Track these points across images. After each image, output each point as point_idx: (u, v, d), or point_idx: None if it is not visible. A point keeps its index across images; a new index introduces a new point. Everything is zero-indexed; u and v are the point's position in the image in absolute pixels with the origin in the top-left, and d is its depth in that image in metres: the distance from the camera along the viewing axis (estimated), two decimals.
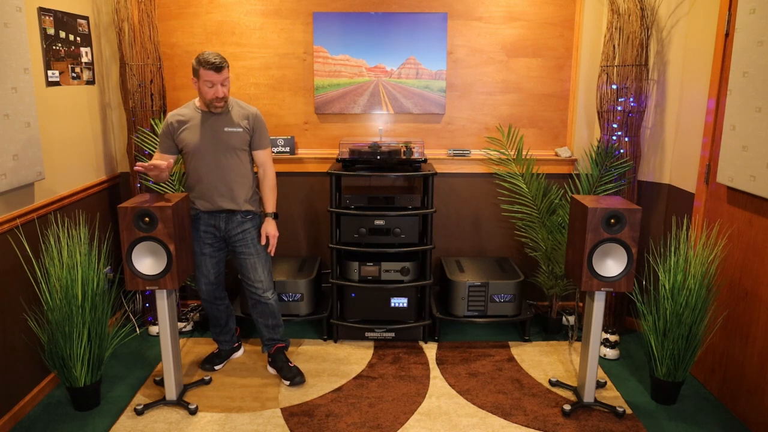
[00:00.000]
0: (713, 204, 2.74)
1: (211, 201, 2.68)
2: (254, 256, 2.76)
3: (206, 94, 2.53)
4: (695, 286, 2.52)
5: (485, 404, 2.65)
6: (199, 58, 2.49)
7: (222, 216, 2.71)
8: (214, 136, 2.62)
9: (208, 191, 2.67)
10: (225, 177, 2.66)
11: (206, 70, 2.48)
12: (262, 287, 2.79)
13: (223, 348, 3.02)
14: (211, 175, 2.65)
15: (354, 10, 3.40)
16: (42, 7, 2.70)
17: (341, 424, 2.48)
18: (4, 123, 2.33)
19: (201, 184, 2.67)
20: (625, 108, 3.11)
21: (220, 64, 2.49)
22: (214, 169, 2.65)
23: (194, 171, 2.67)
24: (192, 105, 2.67)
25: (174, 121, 2.63)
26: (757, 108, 2.30)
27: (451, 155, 3.50)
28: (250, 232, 2.75)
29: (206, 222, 2.73)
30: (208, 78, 2.50)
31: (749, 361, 2.47)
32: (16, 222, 2.48)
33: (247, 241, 2.75)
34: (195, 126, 2.63)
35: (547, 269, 3.38)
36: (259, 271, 2.78)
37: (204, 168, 2.65)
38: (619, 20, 3.05)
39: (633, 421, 2.52)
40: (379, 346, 3.21)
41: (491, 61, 3.48)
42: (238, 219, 2.72)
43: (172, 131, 2.64)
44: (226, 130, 2.63)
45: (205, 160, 2.64)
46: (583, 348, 2.63)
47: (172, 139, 2.64)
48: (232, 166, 2.67)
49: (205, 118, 2.63)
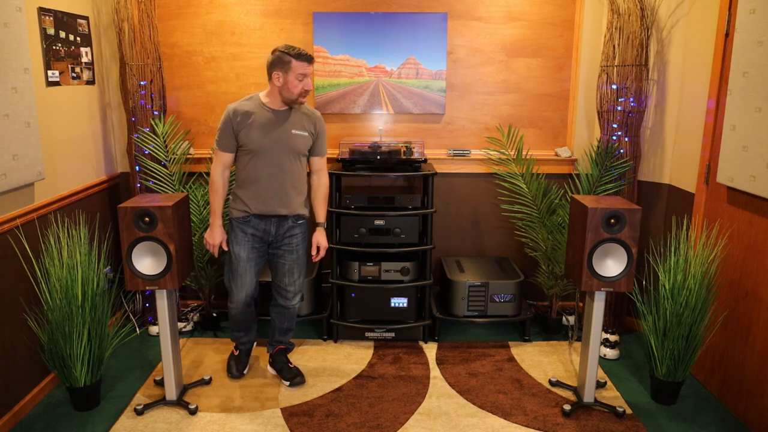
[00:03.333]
0: (713, 204, 2.74)
1: (268, 204, 2.55)
2: (295, 261, 2.68)
3: (295, 88, 2.42)
4: (695, 286, 2.52)
5: (485, 404, 2.65)
6: (286, 50, 2.39)
7: (274, 220, 2.59)
8: (281, 138, 2.50)
9: (266, 194, 2.53)
10: (286, 181, 2.54)
11: (300, 61, 2.39)
12: (294, 291, 2.73)
13: (245, 348, 2.93)
14: (272, 178, 2.52)
15: (354, 10, 3.40)
16: (42, 7, 2.70)
17: (341, 424, 2.48)
18: (4, 123, 2.34)
19: (258, 185, 2.53)
20: (625, 108, 3.11)
21: (311, 55, 2.43)
22: (277, 172, 2.52)
23: (252, 171, 2.52)
24: (257, 100, 2.52)
25: (240, 112, 2.48)
26: (757, 108, 2.30)
27: (451, 155, 3.50)
28: (297, 237, 2.66)
29: (256, 225, 2.59)
30: (302, 70, 2.40)
31: (749, 361, 2.47)
32: (16, 222, 2.48)
33: (293, 246, 2.66)
34: (261, 123, 2.48)
35: (547, 269, 3.38)
36: (295, 275, 2.70)
37: (265, 169, 2.51)
38: (619, 20, 3.05)
39: (633, 421, 2.52)
40: (379, 346, 3.21)
41: (491, 61, 3.48)
42: (289, 224, 2.62)
43: (235, 125, 2.48)
44: (294, 133, 2.52)
45: (267, 161, 2.50)
46: (583, 348, 2.63)
47: (234, 134, 2.50)
48: (294, 171, 2.55)
49: (273, 116, 2.50)
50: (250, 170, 2.52)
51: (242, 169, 2.55)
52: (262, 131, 2.48)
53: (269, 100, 2.51)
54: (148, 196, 2.54)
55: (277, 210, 2.56)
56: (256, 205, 2.55)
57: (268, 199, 2.54)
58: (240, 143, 2.51)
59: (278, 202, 2.55)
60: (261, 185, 2.53)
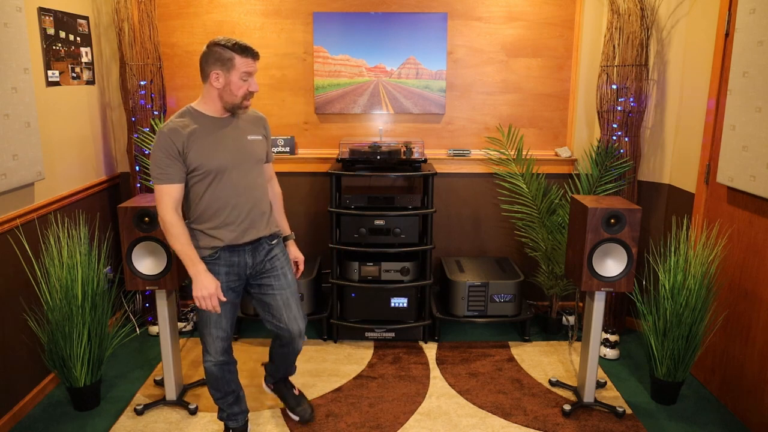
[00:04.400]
0: (713, 204, 2.74)
1: (243, 231, 2.09)
2: (287, 289, 2.21)
3: (238, 90, 1.99)
4: (695, 286, 2.52)
5: (485, 404, 2.65)
6: (226, 43, 1.95)
7: (247, 249, 2.12)
8: (240, 148, 2.07)
9: (239, 219, 2.07)
10: (257, 197, 2.12)
11: (245, 57, 1.96)
12: (299, 328, 2.23)
13: (238, 425, 2.33)
14: (242, 198, 2.07)
15: (354, 10, 3.40)
16: (42, 7, 2.70)
17: (341, 424, 2.48)
18: (4, 123, 2.34)
19: (227, 211, 2.06)
20: (625, 108, 3.11)
21: (256, 50, 2.01)
22: (245, 190, 2.08)
23: (216, 196, 2.04)
24: (192, 112, 2.04)
25: (181, 130, 1.97)
26: (757, 108, 2.30)
27: (451, 155, 3.50)
28: (278, 258, 2.21)
29: (228, 260, 2.10)
30: (247, 68, 1.97)
31: (749, 361, 2.47)
32: (16, 222, 2.48)
33: (277, 270, 2.19)
34: (212, 136, 2.02)
35: (547, 269, 3.38)
36: (293, 307, 2.22)
37: (232, 190, 2.05)
38: (619, 20, 3.05)
39: (633, 421, 2.52)
40: (379, 346, 3.21)
41: (491, 61, 3.48)
42: (265, 247, 2.17)
43: (180, 146, 1.96)
44: (251, 139, 2.11)
45: (232, 179, 2.05)
46: (583, 348, 2.63)
47: (182, 158, 1.97)
48: (260, 183, 2.15)
49: (222, 125, 2.06)
50: (211, 197, 2.04)
51: (199, 200, 2.05)
52: (217, 145, 2.02)
53: (208, 108, 2.05)
54: (148, 196, 2.54)
55: (256, 234, 2.12)
56: (228, 235, 2.06)
57: (241, 226, 2.08)
58: (192, 168, 1.99)
59: (257, 225, 2.12)
60: (230, 211, 2.06)
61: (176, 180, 1.98)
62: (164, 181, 1.96)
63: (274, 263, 2.19)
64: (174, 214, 1.97)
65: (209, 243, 2.07)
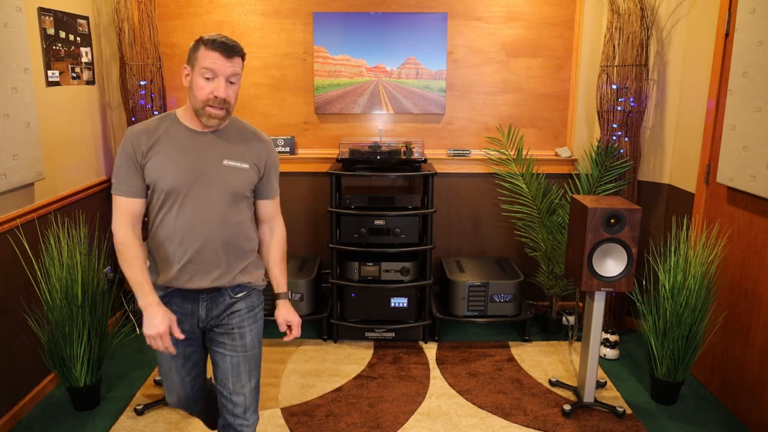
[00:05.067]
0: (713, 204, 2.74)
1: (193, 274, 1.69)
2: (240, 354, 1.76)
3: (200, 91, 1.60)
4: (695, 286, 2.52)
5: (485, 404, 2.65)
6: (202, 37, 1.62)
7: (204, 298, 1.73)
8: (206, 170, 1.66)
9: (182, 258, 1.67)
10: (219, 237, 1.69)
11: (210, 50, 1.58)
12: (243, 405, 1.77)
13: None
14: (196, 232, 1.66)
15: (354, 10, 3.40)
16: (42, 7, 2.70)
17: (341, 424, 2.48)
18: (4, 123, 2.33)
19: (176, 244, 1.67)
20: (625, 108, 3.11)
21: (232, 45, 1.61)
22: (201, 223, 1.67)
23: (168, 223, 1.66)
24: (172, 116, 1.70)
25: (146, 134, 1.65)
26: (757, 108, 2.30)
27: (451, 155, 3.50)
28: (239, 315, 1.77)
29: (180, 305, 1.74)
30: (209, 63, 1.58)
31: (749, 361, 2.47)
32: (16, 222, 2.48)
33: (234, 328, 1.76)
34: (176, 150, 1.65)
35: (547, 269, 3.38)
36: (243, 378, 1.76)
37: (183, 220, 1.66)
38: (619, 20, 3.05)
39: (633, 421, 2.52)
40: (379, 346, 3.21)
41: (491, 61, 3.48)
42: (226, 299, 1.76)
43: (140, 154, 1.63)
44: (227, 165, 1.69)
45: (189, 206, 1.66)
46: (583, 348, 2.63)
47: (140, 167, 1.64)
48: (231, 221, 1.71)
49: (194, 138, 1.68)
50: (164, 223, 1.67)
51: (155, 223, 1.70)
52: (177, 161, 1.65)
53: (187, 116, 1.70)
54: None
55: (209, 283, 1.70)
56: (177, 275, 1.69)
57: (193, 267, 1.68)
58: (147, 182, 1.66)
59: (210, 271, 1.70)
60: (176, 246, 1.67)
61: (134, 193, 1.65)
62: (122, 193, 1.65)
63: (233, 319, 1.76)
64: (128, 233, 1.64)
65: (156, 277, 1.72)
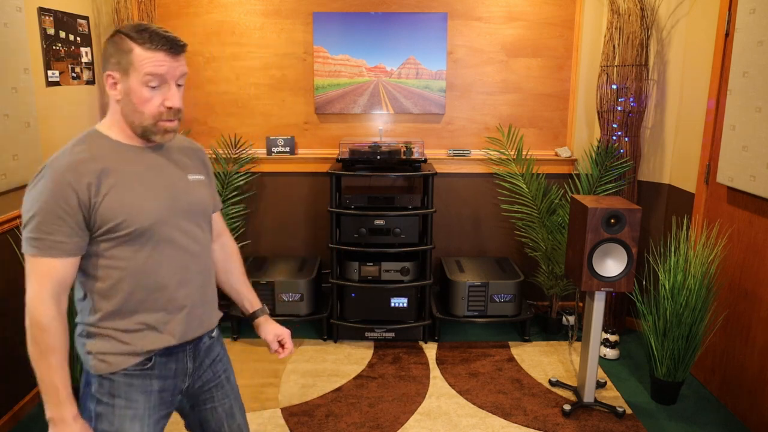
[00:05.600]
0: (713, 204, 2.74)
1: (188, 325, 1.37)
2: (230, 397, 1.52)
3: (144, 104, 1.25)
4: (695, 286, 2.52)
5: (485, 404, 2.65)
6: (128, 32, 1.23)
7: (189, 348, 1.40)
8: (179, 193, 1.36)
9: (183, 307, 1.36)
10: (206, 270, 1.43)
11: (151, 50, 1.22)
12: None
13: None
14: (186, 272, 1.36)
15: (354, 10, 3.40)
16: (42, 7, 2.70)
17: (341, 424, 2.48)
18: (4, 123, 2.34)
19: (165, 296, 1.33)
20: (625, 108, 3.11)
21: (175, 38, 1.26)
22: (191, 258, 1.37)
23: (147, 272, 1.29)
24: (99, 138, 1.33)
25: (88, 169, 1.24)
26: (757, 108, 2.30)
27: (451, 155, 3.50)
28: (222, 360, 1.51)
29: (163, 371, 1.36)
30: (154, 69, 1.23)
31: (749, 361, 2.47)
32: (16, 222, 2.48)
33: (220, 376, 1.50)
34: (132, 174, 1.29)
35: (547, 269, 3.38)
36: (237, 417, 1.54)
37: (170, 260, 1.32)
38: (619, 20, 3.05)
39: (633, 421, 2.52)
40: (379, 346, 3.21)
41: (491, 61, 3.48)
42: (205, 343, 1.46)
43: (85, 197, 1.22)
44: (193, 179, 1.41)
45: (169, 244, 1.32)
46: (583, 348, 2.63)
47: (86, 214, 1.23)
48: (208, 248, 1.45)
49: (143, 157, 1.32)
50: (138, 274, 1.28)
51: (114, 280, 1.28)
52: (146, 190, 1.29)
53: (118, 132, 1.33)
54: None
55: (203, 327, 1.43)
56: (171, 329, 1.34)
57: (188, 317, 1.37)
58: (105, 227, 1.24)
59: (204, 313, 1.42)
60: (171, 294, 1.33)
61: (68, 251, 1.22)
62: (46, 252, 1.20)
63: (216, 367, 1.48)
64: (52, 310, 1.23)
65: (136, 347, 1.30)
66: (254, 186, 3.52)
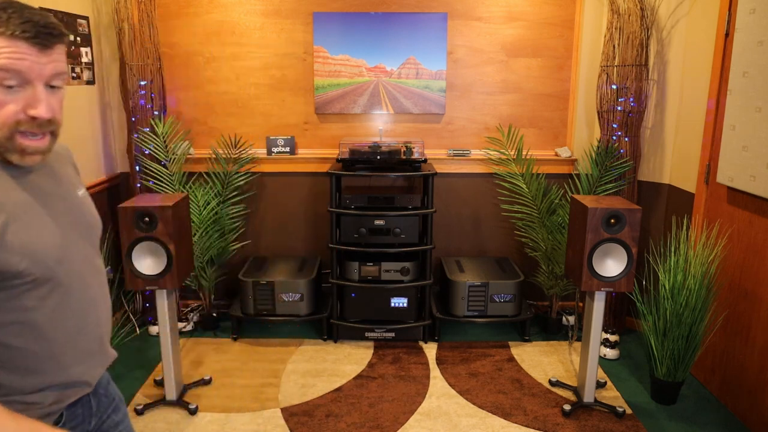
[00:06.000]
0: (713, 204, 2.74)
1: (93, 368, 1.16)
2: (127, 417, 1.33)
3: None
4: (695, 286, 2.52)
5: (485, 404, 2.65)
6: None
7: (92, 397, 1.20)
8: (75, 217, 1.16)
9: (94, 349, 1.15)
10: (104, 302, 1.20)
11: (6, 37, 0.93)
12: None
13: None
14: (94, 308, 1.14)
15: (354, 10, 3.40)
16: (42, 7, 2.70)
17: (341, 424, 2.48)
18: None
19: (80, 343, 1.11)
20: (625, 108, 3.11)
21: (46, 24, 1.00)
22: (93, 291, 1.15)
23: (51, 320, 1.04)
24: None
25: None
26: (757, 108, 2.30)
27: (451, 155, 3.50)
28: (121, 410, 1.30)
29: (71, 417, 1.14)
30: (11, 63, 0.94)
31: (749, 361, 2.47)
32: None
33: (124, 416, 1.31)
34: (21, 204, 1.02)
35: (547, 269, 3.38)
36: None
37: (76, 303, 1.09)
38: (619, 20, 3.05)
39: (633, 421, 2.52)
40: (379, 346, 3.21)
41: (491, 61, 3.48)
42: (104, 382, 1.26)
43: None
44: (82, 194, 1.23)
45: (71, 277, 1.08)
46: (583, 348, 2.63)
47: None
48: (104, 275, 1.23)
49: (23, 177, 1.05)
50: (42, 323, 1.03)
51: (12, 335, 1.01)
52: (41, 219, 1.05)
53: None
54: (148, 196, 2.54)
55: (103, 368, 1.20)
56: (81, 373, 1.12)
57: (90, 360, 1.15)
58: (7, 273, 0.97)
59: (103, 356, 1.20)
60: (82, 339, 1.12)
61: None
62: None
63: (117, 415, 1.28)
64: None
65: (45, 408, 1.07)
66: (254, 186, 3.52)
